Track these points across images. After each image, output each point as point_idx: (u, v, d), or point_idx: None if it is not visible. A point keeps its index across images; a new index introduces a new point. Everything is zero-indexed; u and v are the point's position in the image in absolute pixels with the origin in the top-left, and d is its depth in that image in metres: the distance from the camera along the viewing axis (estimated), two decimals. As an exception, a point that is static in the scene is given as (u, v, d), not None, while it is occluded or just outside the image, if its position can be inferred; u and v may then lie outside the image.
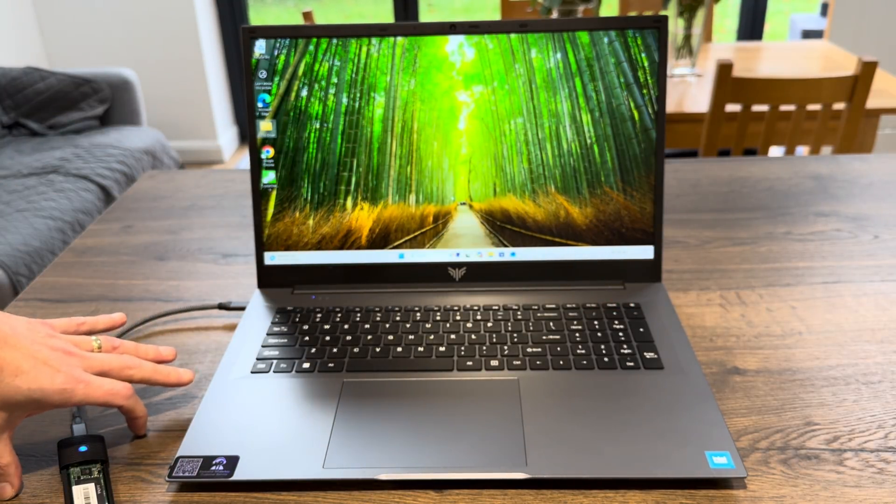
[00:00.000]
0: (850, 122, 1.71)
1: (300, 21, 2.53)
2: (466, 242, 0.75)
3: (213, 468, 0.53)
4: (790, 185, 1.03)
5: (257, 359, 0.65)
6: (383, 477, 0.52)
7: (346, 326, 0.68)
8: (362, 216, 0.75)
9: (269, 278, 0.75)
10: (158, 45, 3.28)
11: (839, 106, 1.73)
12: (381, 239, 0.75)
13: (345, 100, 0.73)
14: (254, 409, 0.59)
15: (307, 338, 0.67)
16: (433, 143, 0.74)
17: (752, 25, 3.45)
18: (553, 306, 0.70)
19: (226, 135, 3.58)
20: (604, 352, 0.64)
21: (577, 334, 0.66)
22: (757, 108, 1.73)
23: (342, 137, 0.74)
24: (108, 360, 0.56)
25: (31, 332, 0.54)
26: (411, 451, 0.54)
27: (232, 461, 0.53)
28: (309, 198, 0.75)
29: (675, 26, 2.15)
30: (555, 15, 2.16)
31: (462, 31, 0.71)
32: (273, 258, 0.75)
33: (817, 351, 0.67)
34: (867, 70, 1.62)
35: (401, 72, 0.73)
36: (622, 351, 0.64)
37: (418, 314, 0.70)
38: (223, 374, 0.63)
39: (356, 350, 0.65)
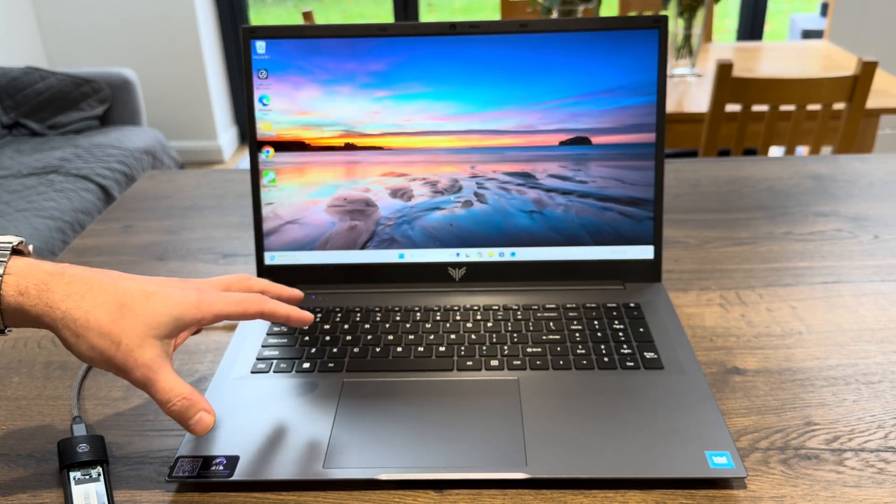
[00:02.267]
0: (850, 122, 1.71)
1: (300, 21, 2.53)
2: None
3: (213, 468, 0.53)
4: (790, 185, 1.03)
5: (257, 359, 0.65)
6: (383, 477, 0.52)
7: (346, 326, 0.68)
8: (362, 216, 0.75)
9: (270, 278, 0.75)
10: (158, 45, 3.28)
11: (839, 106, 1.73)
12: (381, 239, 0.75)
13: (345, 100, 0.73)
14: (254, 409, 0.59)
15: (307, 338, 0.67)
16: (433, 143, 0.74)
17: (752, 25, 3.45)
18: (553, 306, 0.70)
19: (226, 135, 3.58)
20: (604, 352, 0.64)
21: (577, 334, 0.66)
22: (757, 108, 1.73)
23: (342, 137, 0.74)
24: (240, 294, 0.56)
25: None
26: (411, 451, 0.54)
27: (232, 461, 0.53)
28: (309, 198, 0.74)
29: (675, 26, 2.15)
30: (555, 15, 2.16)
31: (462, 31, 0.71)
32: (273, 258, 0.75)
33: (817, 351, 0.67)
34: (867, 70, 1.62)
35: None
36: (622, 351, 0.64)
37: (418, 314, 0.70)
38: (223, 374, 0.63)
39: (356, 350, 0.65)
